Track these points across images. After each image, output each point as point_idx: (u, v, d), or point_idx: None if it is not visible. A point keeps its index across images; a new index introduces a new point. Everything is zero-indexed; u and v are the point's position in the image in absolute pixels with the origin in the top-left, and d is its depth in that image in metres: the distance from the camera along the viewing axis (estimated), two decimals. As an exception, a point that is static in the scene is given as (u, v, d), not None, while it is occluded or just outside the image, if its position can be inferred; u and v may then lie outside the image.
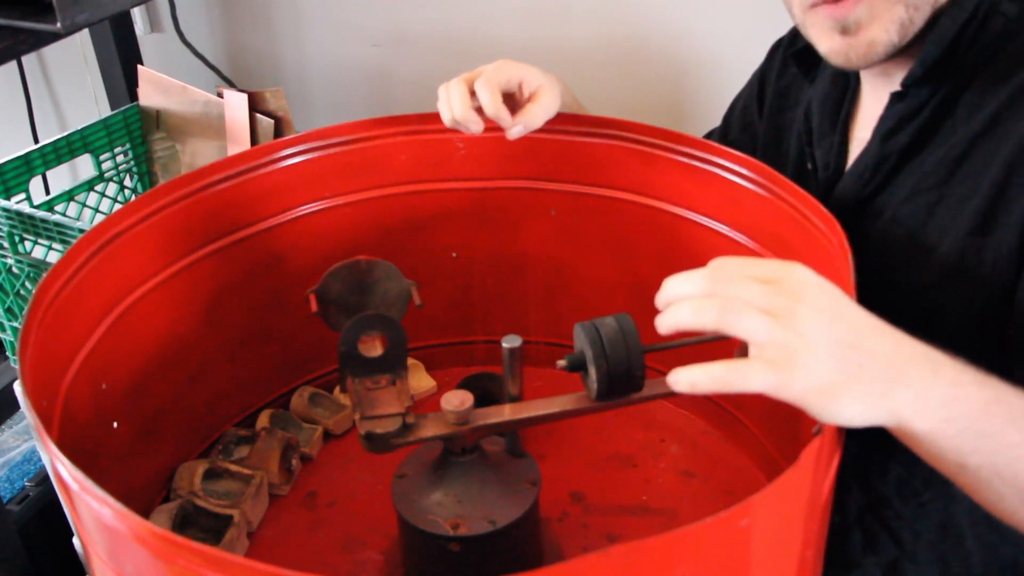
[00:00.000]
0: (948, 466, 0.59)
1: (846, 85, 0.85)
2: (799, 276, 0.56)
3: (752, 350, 0.56)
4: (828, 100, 0.86)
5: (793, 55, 0.89)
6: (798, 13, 0.77)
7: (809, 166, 0.87)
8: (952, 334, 0.60)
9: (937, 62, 0.73)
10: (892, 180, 0.77)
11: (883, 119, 0.78)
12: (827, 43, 0.75)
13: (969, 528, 0.78)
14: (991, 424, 0.57)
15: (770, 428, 0.89)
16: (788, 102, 0.93)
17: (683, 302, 0.57)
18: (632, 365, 0.67)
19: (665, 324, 0.58)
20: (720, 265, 0.58)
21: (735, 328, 0.55)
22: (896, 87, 0.77)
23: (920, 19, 0.73)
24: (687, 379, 0.56)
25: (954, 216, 0.72)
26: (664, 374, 0.59)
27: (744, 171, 0.84)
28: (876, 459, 0.79)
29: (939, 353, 0.57)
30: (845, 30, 0.73)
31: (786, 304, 0.54)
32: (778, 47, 0.98)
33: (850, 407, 0.54)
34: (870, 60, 0.74)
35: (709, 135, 1.06)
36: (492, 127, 0.96)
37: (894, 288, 0.74)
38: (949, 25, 0.73)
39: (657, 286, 0.60)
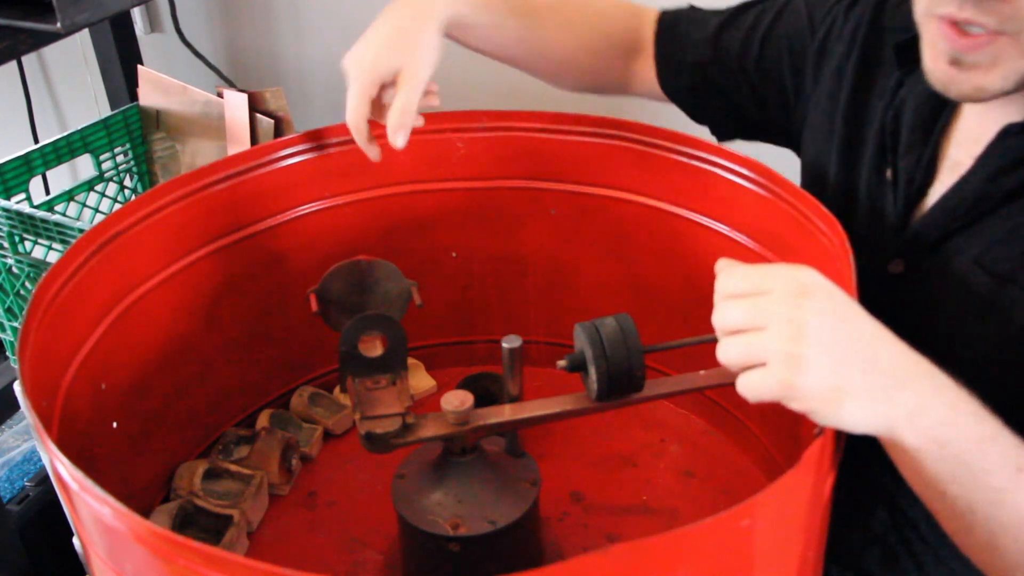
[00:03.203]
0: (927, 490, 0.58)
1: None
2: (802, 281, 0.56)
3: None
4: (925, 107, 0.75)
5: (898, 46, 0.77)
6: (920, 13, 0.67)
7: (889, 174, 0.78)
8: (1017, 395, 0.58)
9: None
10: (986, 217, 0.69)
11: (992, 153, 0.70)
12: (932, 63, 0.66)
13: None
14: (981, 461, 0.56)
15: (770, 428, 0.89)
16: (873, 81, 0.82)
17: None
18: (632, 365, 0.67)
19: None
20: (717, 289, 0.58)
21: (739, 365, 0.56)
22: (1011, 116, 0.69)
23: None
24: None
25: None
26: (664, 374, 0.59)
27: (744, 171, 0.84)
28: (907, 488, 0.78)
29: (943, 375, 0.57)
30: (957, 62, 0.64)
31: (786, 313, 0.54)
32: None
33: (852, 413, 0.54)
34: (971, 100, 0.67)
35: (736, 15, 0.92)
36: (491, 127, 0.96)
37: (959, 336, 0.69)
38: None
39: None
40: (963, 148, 0.73)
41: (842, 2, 0.85)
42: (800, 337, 0.54)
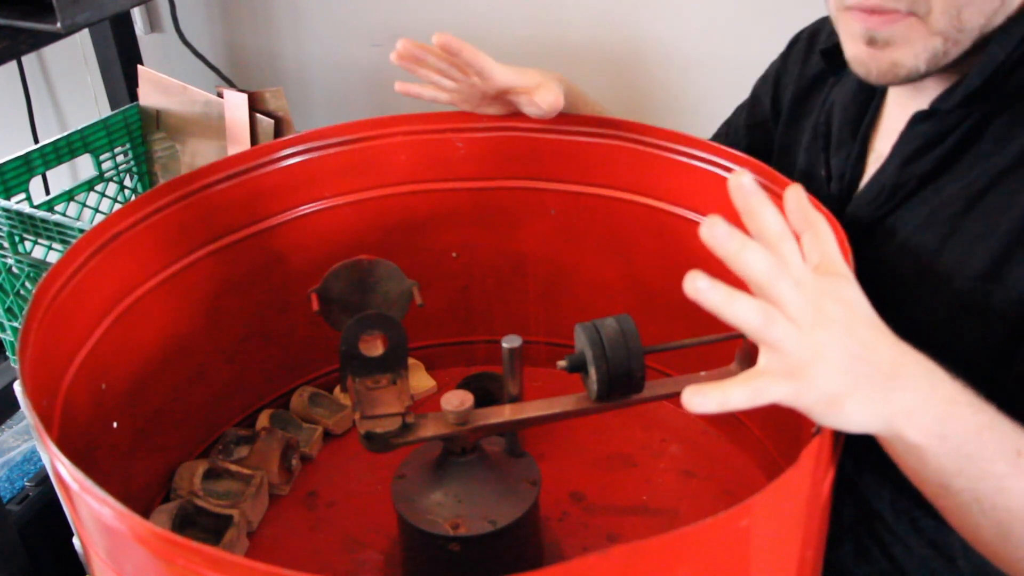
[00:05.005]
0: (931, 486, 0.58)
1: (872, 91, 0.81)
2: (819, 280, 0.55)
3: (764, 357, 0.55)
4: (851, 106, 0.81)
5: (824, 51, 0.82)
6: (833, 9, 0.73)
7: (823, 172, 0.83)
8: (958, 371, 0.58)
9: (978, 90, 0.69)
10: (907, 202, 0.73)
11: (904, 139, 0.74)
12: (852, 49, 0.71)
13: (960, 548, 0.77)
14: (981, 449, 0.56)
15: (770, 428, 0.89)
16: (807, 108, 0.89)
17: (736, 299, 0.51)
18: (632, 366, 0.67)
19: (712, 305, 0.51)
20: (778, 250, 0.53)
21: (766, 336, 0.52)
22: (924, 105, 0.72)
23: (956, 52, 0.67)
24: (717, 399, 0.51)
25: (966, 253, 0.69)
26: (665, 375, 0.58)
27: (744, 171, 0.84)
28: (871, 478, 0.79)
29: (940, 370, 0.57)
30: (872, 41, 0.69)
31: (808, 312, 0.53)
32: (795, 43, 0.93)
33: (852, 415, 0.54)
34: (889, 79, 0.70)
35: (715, 139, 1.03)
36: (491, 127, 0.96)
37: (900, 317, 0.68)
38: (997, 53, 0.67)
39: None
40: (886, 140, 0.78)
41: (799, 42, 0.93)
42: (816, 346, 0.53)
